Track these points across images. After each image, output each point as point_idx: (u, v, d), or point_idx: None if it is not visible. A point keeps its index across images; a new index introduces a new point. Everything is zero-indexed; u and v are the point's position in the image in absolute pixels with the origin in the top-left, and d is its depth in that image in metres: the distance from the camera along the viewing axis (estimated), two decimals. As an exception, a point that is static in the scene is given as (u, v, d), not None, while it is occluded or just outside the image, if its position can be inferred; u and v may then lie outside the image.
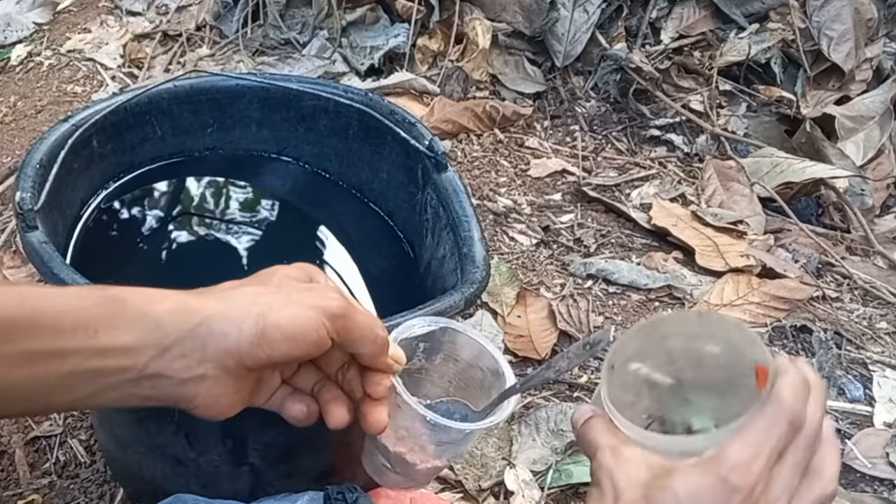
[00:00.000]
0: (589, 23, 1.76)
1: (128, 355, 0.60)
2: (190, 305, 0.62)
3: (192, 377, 0.62)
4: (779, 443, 0.56)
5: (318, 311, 0.64)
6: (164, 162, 1.06)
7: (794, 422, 0.56)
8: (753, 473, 0.55)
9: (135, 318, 0.61)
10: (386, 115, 1.03)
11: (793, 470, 0.57)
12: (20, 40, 1.87)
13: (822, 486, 0.58)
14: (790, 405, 0.57)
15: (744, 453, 0.56)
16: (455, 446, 0.74)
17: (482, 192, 1.57)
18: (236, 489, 0.93)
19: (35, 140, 0.93)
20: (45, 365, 0.59)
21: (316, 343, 0.64)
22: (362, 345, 0.67)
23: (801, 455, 0.57)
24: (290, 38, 1.82)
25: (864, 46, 1.74)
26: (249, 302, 0.63)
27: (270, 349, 0.63)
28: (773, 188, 1.60)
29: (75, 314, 0.60)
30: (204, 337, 0.62)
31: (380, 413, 0.70)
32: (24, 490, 1.10)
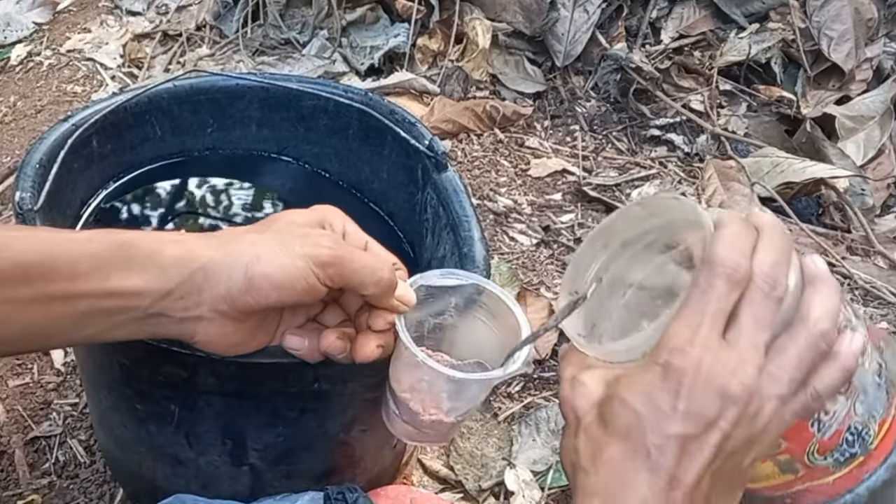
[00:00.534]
0: (589, 23, 1.76)
1: (135, 297, 0.64)
2: (192, 251, 0.66)
3: (190, 317, 0.66)
4: (719, 304, 0.52)
5: (308, 259, 0.65)
6: (164, 162, 1.06)
7: (733, 276, 0.52)
8: (695, 348, 0.51)
9: (143, 262, 0.64)
10: (386, 115, 1.03)
11: (755, 326, 0.52)
12: (20, 40, 1.87)
13: (807, 330, 0.53)
14: (724, 259, 0.52)
15: (680, 332, 0.52)
16: (458, 400, 0.72)
17: (482, 192, 1.57)
18: (236, 489, 0.93)
19: (35, 140, 0.93)
20: (61, 306, 0.63)
21: (306, 290, 0.66)
22: (363, 287, 0.68)
23: (759, 308, 0.52)
24: (290, 38, 1.82)
25: (864, 46, 1.74)
26: (242, 250, 0.66)
27: (259, 296, 0.65)
28: (773, 188, 1.60)
29: (89, 259, 0.63)
30: (200, 282, 0.65)
31: (367, 341, 0.70)
32: (23, 490, 1.10)
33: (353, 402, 0.89)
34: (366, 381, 0.87)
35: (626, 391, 0.53)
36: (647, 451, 0.52)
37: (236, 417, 0.88)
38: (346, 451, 0.95)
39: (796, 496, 0.59)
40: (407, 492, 0.97)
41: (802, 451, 0.57)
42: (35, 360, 1.25)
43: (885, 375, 0.58)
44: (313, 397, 0.86)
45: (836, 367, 0.53)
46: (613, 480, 0.53)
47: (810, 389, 0.53)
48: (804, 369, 0.53)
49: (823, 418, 0.56)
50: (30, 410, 1.19)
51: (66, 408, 1.20)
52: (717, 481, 0.52)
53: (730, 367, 0.51)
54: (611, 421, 0.54)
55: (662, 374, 0.52)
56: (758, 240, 0.54)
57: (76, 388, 1.22)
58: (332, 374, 0.83)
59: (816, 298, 0.54)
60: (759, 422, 0.52)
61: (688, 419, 0.51)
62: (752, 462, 0.54)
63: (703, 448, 0.51)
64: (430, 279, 0.73)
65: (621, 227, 0.61)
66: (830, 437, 0.57)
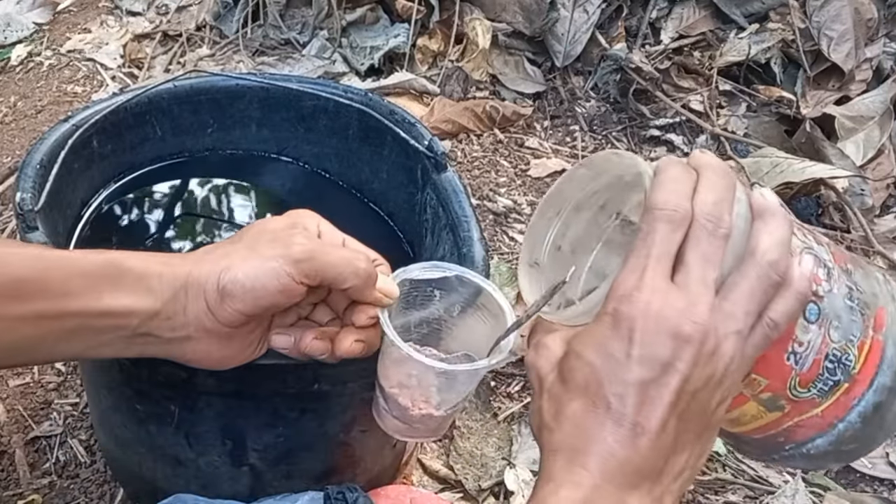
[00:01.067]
0: (589, 23, 1.76)
1: (125, 317, 0.65)
2: (175, 271, 0.66)
3: (177, 337, 0.67)
4: (662, 247, 0.52)
5: (279, 260, 0.65)
6: (165, 162, 1.06)
7: (672, 217, 0.52)
8: (642, 293, 0.51)
9: (133, 282, 0.65)
10: (386, 115, 1.03)
11: (702, 265, 0.51)
12: (20, 40, 1.87)
13: (755, 262, 0.52)
14: (662, 202, 0.52)
15: (627, 279, 0.52)
16: (447, 392, 0.71)
17: (482, 192, 1.57)
18: (236, 489, 0.93)
19: (35, 140, 0.93)
20: (51, 323, 0.64)
21: (282, 290, 0.65)
22: (343, 281, 0.67)
23: (705, 247, 0.52)
24: (290, 38, 1.82)
25: (864, 46, 1.74)
26: (214, 263, 0.66)
27: (235, 304, 0.65)
28: (773, 188, 1.60)
29: (81, 278, 0.64)
30: (183, 300, 0.65)
31: (345, 336, 0.70)
32: (24, 490, 1.10)
33: (353, 402, 0.89)
34: (366, 382, 0.87)
35: (580, 345, 0.53)
36: (606, 401, 0.51)
37: (236, 418, 0.88)
38: (346, 451, 0.95)
39: (788, 433, 0.59)
40: (407, 492, 0.97)
41: (784, 385, 0.56)
42: (35, 360, 1.25)
43: (857, 298, 0.57)
44: (313, 398, 0.86)
45: (789, 293, 0.53)
46: (577, 434, 0.52)
47: (766, 320, 0.52)
48: (757, 302, 0.52)
49: (798, 350, 0.55)
50: (30, 410, 1.19)
51: (67, 408, 1.20)
52: (685, 425, 0.52)
53: (680, 308, 0.51)
54: (569, 377, 0.53)
55: (612, 322, 0.52)
56: (698, 180, 0.54)
57: (76, 388, 1.22)
58: (332, 375, 0.83)
59: (764, 230, 0.53)
60: (720, 360, 0.51)
61: (643, 364, 0.51)
62: (722, 403, 0.53)
63: (662, 392, 0.51)
64: (412, 272, 0.72)
65: (570, 192, 0.60)
66: (810, 368, 0.56)
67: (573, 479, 0.51)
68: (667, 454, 0.52)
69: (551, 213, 0.61)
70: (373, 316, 0.70)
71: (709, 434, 0.54)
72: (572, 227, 0.61)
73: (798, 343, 0.55)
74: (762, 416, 0.58)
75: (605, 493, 0.51)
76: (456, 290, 0.73)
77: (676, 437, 0.52)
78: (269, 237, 0.68)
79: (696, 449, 0.53)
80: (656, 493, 0.52)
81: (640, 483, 0.51)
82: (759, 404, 0.57)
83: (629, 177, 0.56)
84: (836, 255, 0.58)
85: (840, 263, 0.58)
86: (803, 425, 0.58)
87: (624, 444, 0.51)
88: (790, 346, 0.55)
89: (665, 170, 0.54)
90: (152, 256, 0.67)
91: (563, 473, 0.52)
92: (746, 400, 0.57)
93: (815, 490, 1.18)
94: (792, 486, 1.16)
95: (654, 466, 0.51)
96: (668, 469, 0.52)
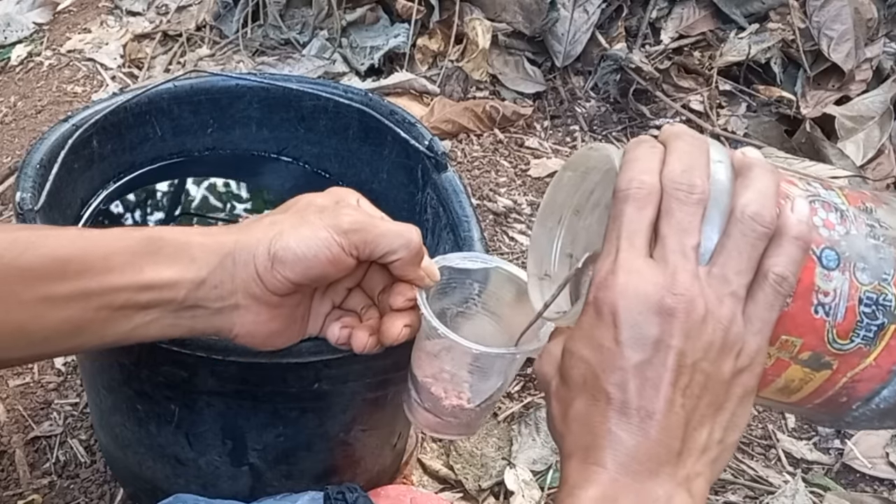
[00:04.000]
0: (589, 23, 1.76)
1: (170, 289, 0.64)
2: (218, 240, 0.66)
3: (226, 306, 0.66)
4: (632, 226, 0.51)
5: (330, 229, 0.65)
6: (165, 162, 1.06)
7: (637, 195, 0.51)
8: (618, 276, 0.50)
9: (173, 254, 0.64)
10: (386, 116, 1.03)
11: (678, 234, 0.50)
12: (20, 40, 1.87)
13: (736, 219, 0.50)
14: (626, 182, 0.51)
15: (602, 266, 0.51)
16: (481, 382, 0.70)
17: (482, 192, 1.57)
18: (236, 489, 0.93)
19: (35, 140, 0.93)
20: (98, 301, 0.63)
21: (332, 261, 0.65)
22: (393, 253, 0.66)
23: (678, 215, 0.50)
24: (290, 38, 1.82)
25: (864, 46, 1.74)
26: (264, 231, 0.65)
27: (285, 271, 0.64)
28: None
29: (122, 254, 0.64)
30: (230, 268, 0.65)
31: (393, 322, 0.69)
32: (24, 490, 1.10)
33: (353, 402, 0.89)
34: (366, 382, 0.87)
35: (571, 342, 0.52)
36: (606, 393, 0.50)
37: (236, 417, 0.88)
38: (346, 451, 0.95)
39: (848, 391, 0.55)
40: (407, 492, 0.97)
41: (821, 340, 0.53)
42: (35, 360, 1.25)
43: (882, 235, 0.54)
44: (313, 397, 0.86)
45: (785, 242, 0.51)
46: (584, 433, 0.51)
47: (770, 275, 0.50)
48: (747, 259, 0.50)
49: (825, 300, 0.52)
50: (30, 410, 1.19)
51: (67, 408, 1.20)
52: (695, 399, 0.50)
53: (660, 282, 0.49)
54: (568, 377, 0.52)
55: (594, 312, 0.51)
56: (665, 153, 0.52)
57: (76, 388, 1.22)
58: (333, 375, 0.84)
59: (743, 186, 0.51)
60: (716, 326, 0.49)
61: (633, 347, 0.49)
62: (744, 371, 0.51)
63: (660, 370, 0.49)
64: (452, 260, 0.71)
65: (564, 198, 0.59)
66: (845, 317, 0.53)
67: (588, 477, 0.50)
68: (681, 433, 0.50)
69: (552, 223, 0.60)
70: (411, 298, 0.68)
71: (733, 405, 0.52)
72: (580, 233, 0.60)
73: (822, 293, 0.53)
74: (811, 379, 0.55)
75: (623, 485, 0.49)
76: (494, 283, 0.71)
77: (689, 414, 0.50)
78: (316, 209, 0.67)
79: (718, 422, 0.51)
80: (680, 477, 0.50)
81: (659, 469, 0.49)
82: (803, 366, 0.54)
83: (614, 169, 0.55)
84: (851, 197, 0.55)
85: (857, 204, 0.55)
86: (861, 379, 0.55)
87: (632, 432, 0.49)
88: (814, 298, 0.53)
89: (629, 151, 0.53)
90: (191, 228, 0.68)
91: (578, 474, 0.51)
92: (787, 365, 0.54)
93: (815, 490, 1.18)
94: (792, 486, 1.16)
95: (671, 448, 0.49)
96: (688, 448, 0.50)
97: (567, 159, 0.60)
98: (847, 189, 0.56)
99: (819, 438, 1.27)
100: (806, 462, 1.23)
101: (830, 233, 0.53)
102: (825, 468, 1.23)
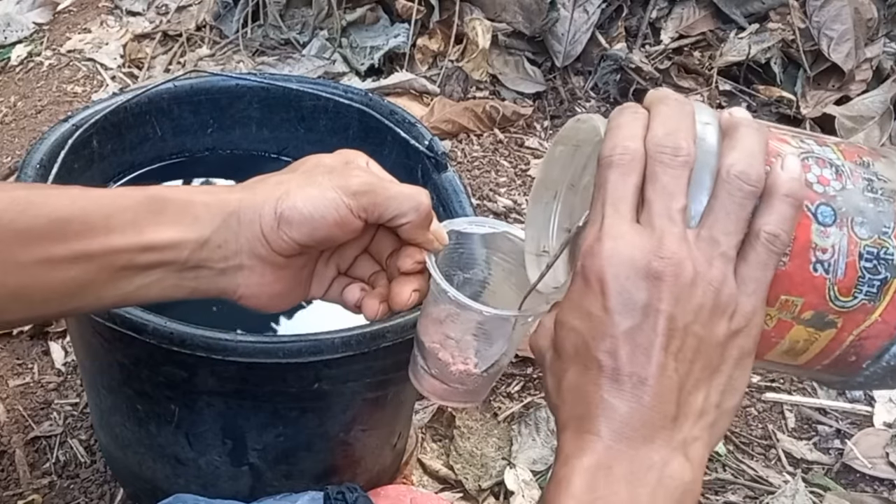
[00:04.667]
0: (589, 23, 1.76)
1: (172, 249, 0.62)
2: (222, 199, 0.64)
3: (230, 267, 0.64)
4: (616, 193, 0.50)
5: (339, 190, 0.63)
6: (165, 162, 1.06)
7: (620, 161, 0.50)
8: (603, 243, 0.49)
9: (176, 214, 0.63)
10: (386, 115, 1.03)
11: (663, 198, 0.49)
12: (20, 40, 1.87)
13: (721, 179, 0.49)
14: (609, 150, 0.50)
15: (588, 234, 0.50)
16: (487, 345, 0.69)
17: (482, 192, 1.57)
18: (236, 489, 0.93)
19: (35, 140, 0.93)
20: (99, 262, 0.61)
21: (339, 223, 0.63)
22: (402, 215, 0.65)
23: (663, 179, 0.49)
24: (290, 38, 1.82)
25: (864, 46, 1.74)
26: (270, 189, 0.64)
27: (291, 231, 0.63)
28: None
29: (122, 213, 0.62)
30: (235, 227, 0.63)
31: (402, 287, 0.67)
32: (24, 490, 1.10)
33: (353, 402, 0.89)
34: (366, 382, 0.87)
35: (562, 313, 0.52)
36: (597, 361, 0.49)
37: (236, 417, 0.88)
38: (346, 451, 0.95)
39: (856, 350, 0.54)
40: (407, 492, 0.98)
41: (823, 298, 0.52)
42: (35, 359, 1.25)
43: (880, 188, 0.53)
44: (313, 397, 0.86)
45: (775, 200, 0.50)
46: (577, 403, 0.50)
47: (762, 235, 0.50)
48: (735, 219, 0.49)
49: (824, 257, 0.51)
50: (30, 410, 1.19)
51: (67, 408, 1.20)
52: (688, 364, 0.49)
53: (645, 247, 0.49)
54: (560, 348, 0.52)
55: (582, 280, 0.50)
56: (651, 115, 0.51)
57: (76, 388, 1.22)
58: (333, 375, 0.84)
59: (729, 146, 0.50)
60: (707, 289, 0.49)
61: (622, 313, 0.48)
62: (740, 333, 0.50)
63: (650, 336, 0.48)
64: (459, 225, 0.70)
65: (557, 173, 0.58)
66: (845, 273, 0.52)
67: (582, 446, 0.49)
68: (676, 398, 0.49)
69: (547, 199, 0.59)
70: (419, 261, 0.67)
71: (729, 367, 0.51)
72: (576, 207, 0.59)
73: (820, 250, 0.51)
74: (816, 339, 0.54)
75: (617, 452, 0.49)
76: (501, 248, 0.70)
77: (682, 378, 0.49)
78: (324, 169, 0.66)
79: (714, 385, 0.50)
80: (676, 441, 0.49)
81: (654, 435, 0.49)
82: (806, 326, 0.53)
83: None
84: (848, 152, 0.54)
85: (853, 158, 0.54)
86: (868, 336, 0.53)
87: (625, 398, 0.49)
88: (812, 256, 0.51)
89: (613, 118, 0.52)
90: (195, 188, 0.65)
91: (573, 444, 0.50)
92: (790, 325, 0.53)
93: (815, 490, 1.18)
94: (792, 486, 1.16)
95: (665, 414, 0.49)
96: (684, 413, 0.49)
97: (557, 133, 0.59)
98: (843, 144, 0.55)
99: (819, 438, 1.26)
100: (806, 462, 1.23)
101: (825, 188, 0.52)
102: (825, 468, 1.23)
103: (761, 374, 1.32)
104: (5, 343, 1.27)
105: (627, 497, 0.48)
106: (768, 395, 1.30)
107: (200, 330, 0.79)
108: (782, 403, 1.30)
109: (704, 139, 0.51)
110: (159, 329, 0.79)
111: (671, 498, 0.49)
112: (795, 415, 1.29)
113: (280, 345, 0.80)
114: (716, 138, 0.52)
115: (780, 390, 1.31)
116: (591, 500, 0.49)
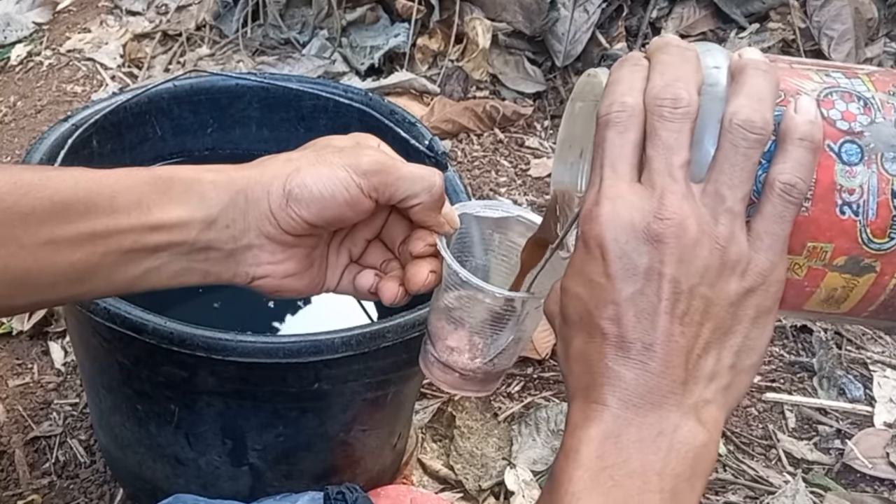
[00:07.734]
0: (589, 23, 1.76)
1: (180, 230, 0.61)
2: (230, 176, 0.63)
3: (239, 248, 0.63)
4: (613, 152, 0.48)
5: (349, 169, 0.62)
6: (165, 162, 1.07)
7: (617, 118, 0.48)
8: (602, 206, 0.47)
9: (183, 193, 0.62)
10: (386, 115, 1.03)
11: (663, 153, 0.47)
12: (20, 40, 1.87)
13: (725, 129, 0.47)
14: (609, 104, 0.48)
15: (588, 198, 0.48)
16: (495, 331, 0.67)
17: (482, 192, 1.57)
18: (236, 489, 0.93)
19: (35, 140, 0.93)
20: (105, 244, 0.60)
21: (349, 202, 0.62)
22: (414, 196, 0.63)
23: (663, 133, 0.47)
24: (290, 38, 1.82)
25: (864, 46, 1.74)
26: (280, 167, 0.63)
27: (300, 210, 0.62)
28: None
29: (128, 193, 0.61)
30: (243, 205, 0.62)
31: (418, 269, 0.66)
32: (24, 490, 1.10)
33: (353, 402, 0.89)
34: (366, 382, 0.87)
35: (566, 280, 0.50)
36: (601, 328, 0.48)
37: (236, 417, 0.88)
38: (346, 451, 0.95)
39: None
40: (407, 492, 0.97)
41: (855, 242, 0.49)
42: (35, 360, 1.25)
43: None
44: (313, 397, 0.86)
45: (790, 144, 0.47)
46: (584, 371, 0.49)
47: (776, 185, 0.47)
48: (740, 170, 0.47)
49: (851, 199, 0.48)
50: (30, 410, 1.19)
51: (67, 408, 1.20)
52: (696, 327, 0.47)
53: (647, 208, 0.47)
54: (566, 315, 0.50)
55: (583, 246, 0.48)
56: (651, 66, 0.49)
57: (76, 388, 1.22)
58: (333, 375, 0.84)
59: (734, 91, 0.47)
60: (713, 247, 0.47)
61: (624, 279, 0.47)
62: (756, 290, 0.48)
63: (653, 300, 0.47)
64: (472, 208, 0.68)
65: (580, 129, 0.56)
66: (878, 213, 0.48)
67: (590, 415, 0.48)
68: (684, 362, 0.47)
69: (573, 158, 0.57)
70: (431, 243, 0.65)
71: (745, 327, 0.49)
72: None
73: (847, 192, 0.48)
74: (855, 285, 0.51)
75: (625, 420, 0.47)
76: (514, 232, 0.69)
77: (690, 342, 0.47)
78: (335, 149, 0.65)
79: (727, 346, 0.49)
80: (687, 406, 0.48)
81: (663, 400, 0.47)
82: (841, 273, 0.50)
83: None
84: (880, 82, 0.51)
85: (886, 89, 0.50)
86: None
87: (631, 366, 0.47)
88: (837, 198, 0.48)
89: (612, 72, 0.50)
90: (202, 166, 0.64)
91: (580, 414, 0.49)
92: (823, 273, 0.50)
93: (815, 490, 1.18)
94: (792, 486, 1.16)
95: (674, 378, 0.47)
96: (694, 377, 0.48)
97: (573, 90, 0.57)
98: (878, 73, 0.51)
99: (819, 439, 1.26)
100: (806, 462, 1.23)
101: (851, 125, 0.49)
102: (825, 468, 1.23)
103: (761, 374, 1.32)
104: (5, 343, 1.27)
105: (639, 464, 0.47)
106: (768, 395, 1.30)
107: (200, 330, 0.79)
108: (782, 403, 1.30)
109: (712, 85, 0.49)
110: (159, 329, 0.79)
111: (684, 462, 0.47)
112: (796, 415, 1.29)
113: (280, 345, 0.80)
114: (725, 83, 0.48)
115: (781, 390, 1.31)
116: (601, 468, 0.47)
